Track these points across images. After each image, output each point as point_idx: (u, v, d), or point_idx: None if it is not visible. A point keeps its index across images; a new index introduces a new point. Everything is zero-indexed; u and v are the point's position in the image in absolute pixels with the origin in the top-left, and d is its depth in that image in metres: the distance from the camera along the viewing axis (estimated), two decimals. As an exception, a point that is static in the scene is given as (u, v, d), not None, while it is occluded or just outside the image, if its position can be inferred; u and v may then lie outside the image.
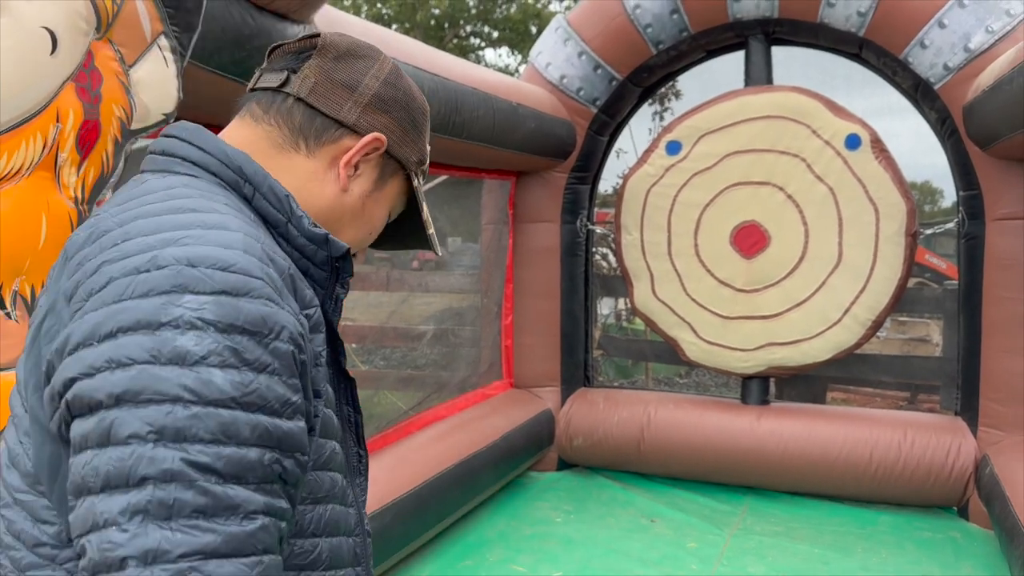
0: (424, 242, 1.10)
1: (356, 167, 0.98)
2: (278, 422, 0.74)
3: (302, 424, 0.78)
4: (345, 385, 0.98)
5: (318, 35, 0.97)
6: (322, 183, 0.96)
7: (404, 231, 1.10)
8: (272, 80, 0.96)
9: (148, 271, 0.75)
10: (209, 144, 0.91)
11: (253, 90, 0.98)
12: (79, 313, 0.77)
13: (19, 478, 0.83)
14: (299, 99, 0.94)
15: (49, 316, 0.82)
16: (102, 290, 0.76)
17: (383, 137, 0.98)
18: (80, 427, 0.73)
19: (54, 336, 0.79)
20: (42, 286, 1.54)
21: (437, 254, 1.11)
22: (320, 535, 0.88)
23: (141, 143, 1.75)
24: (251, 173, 0.90)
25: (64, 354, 0.76)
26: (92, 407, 0.72)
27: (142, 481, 0.69)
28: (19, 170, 1.43)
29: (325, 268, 0.93)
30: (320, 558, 0.88)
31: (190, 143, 0.91)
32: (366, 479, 1.04)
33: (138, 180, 0.91)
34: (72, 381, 0.73)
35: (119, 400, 0.71)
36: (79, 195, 1.56)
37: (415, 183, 1.04)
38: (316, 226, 0.92)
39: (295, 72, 0.95)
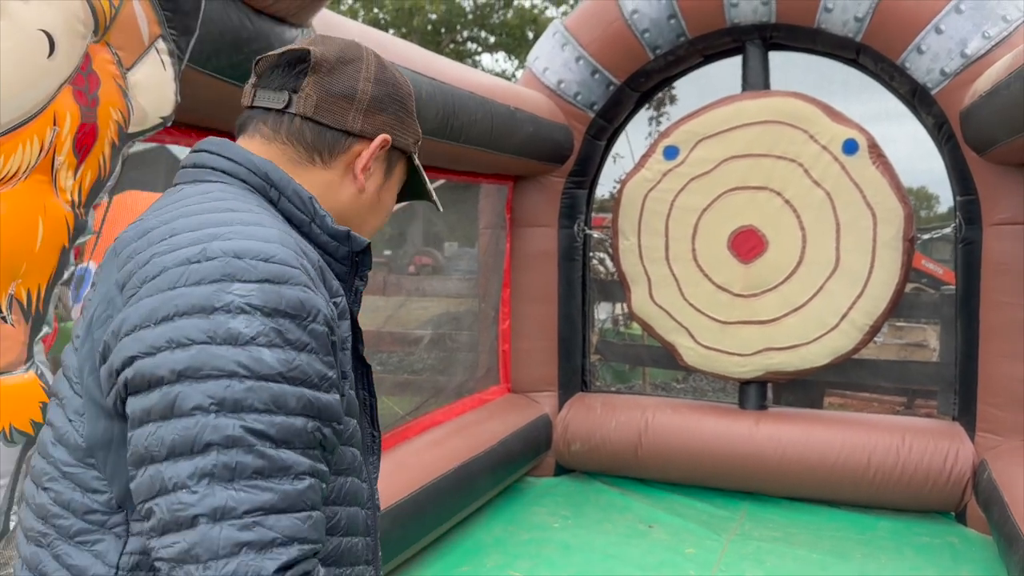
0: (420, 195, 1.20)
1: (368, 167, 1.06)
2: (318, 394, 0.84)
3: (337, 397, 0.88)
4: (362, 371, 1.07)
5: (306, 51, 1.01)
6: (340, 188, 1.05)
7: (403, 191, 1.20)
8: (273, 100, 1.02)
9: (199, 262, 0.83)
10: (237, 154, 0.99)
11: (252, 107, 1.04)
12: (134, 299, 0.85)
13: (67, 453, 0.91)
14: (306, 118, 1.01)
15: (101, 305, 0.90)
16: (156, 278, 0.84)
17: (389, 136, 1.06)
18: (140, 402, 0.81)
19: (107, 321, 0.87)
20: (37, 290, 1.53)
21: (439, 209, 1.20)
22: (340, 504, 0.97)
23: (138, 146, 1.74)
24: (277, 179, 0.98)
25: (120, 335, 0.84)
26: (153, 383, 0.80)
27: (207, 447, 0.78)
28: (16, 173, 1.42)
29: (345, 263, 1.01)
30: (339, 524, 0.96)
31: (219, 155, 1.00)
32: (378, 458, 1.14)
33: (174, 190, 1.00)
34: (132, 359, 0.82)
35: (181, 376, 0.79)
36: (76, 198, 1.55)
37: (416, 160, 1.13)
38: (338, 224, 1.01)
39: (295, 91, 1.01)
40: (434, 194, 1.18)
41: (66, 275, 1.60)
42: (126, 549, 0.87)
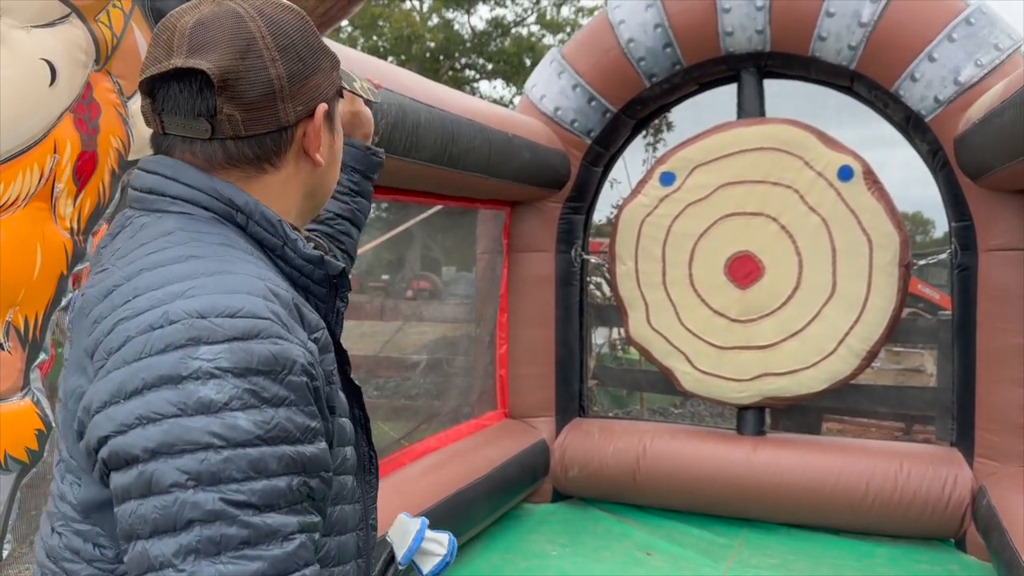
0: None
1: (319, 142, 0.99)
2: (301, 448, 0.81)
3: (323, 445, 0.84)
4: (354, 392, 1.03)
5: (197, 71, 0.89)
6: (297, 175, 0.98)
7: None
8: (191, 129, 0.91)
9: (162, 327, 0.80)
10: (196, 180, 0.92)
11: (166, 134, 0.94)
12: (102, 371, 0.82)
13: (71, 510, 0.90)
14: (238, 138, 0.92)
15: (73, 375, 0.88)
16: (121, 348, 0.81)
17: (324, 104, 0.97)
18: (119, 480, 0.79)
19: (80, 395, 0.85)
20: (35, 317, 1.53)
21: (376, 101, 1.14)
22: (330, 534, 0.94)
23: (138, 174, 1.75)
24: (242, 204, 0.92)
25: (92, 412, 0.81)
26: (128, 461, 0.78)
27: (188, 524, 0.75)
28: (15, 201, 1.43)
29: (324, 284, 0.98)
30: (329, 555, 0.94)
31: (176, 180, 0.92)
32: (376, 477, 1.10)
33: (132, 224, 0.94)
34: (106, 439, 0.79)
35: (155, 453, 0.77)
36: (75, 226, 1.56)
37: (345, 86, 1.06)
38: (312, 244, 0.98)
39: (212, 116, 0.90)
40: (366, 88, 1.12)
41: (64, 302, 1.60)
42: None
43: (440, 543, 1.17)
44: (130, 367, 0.79)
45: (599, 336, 6.76)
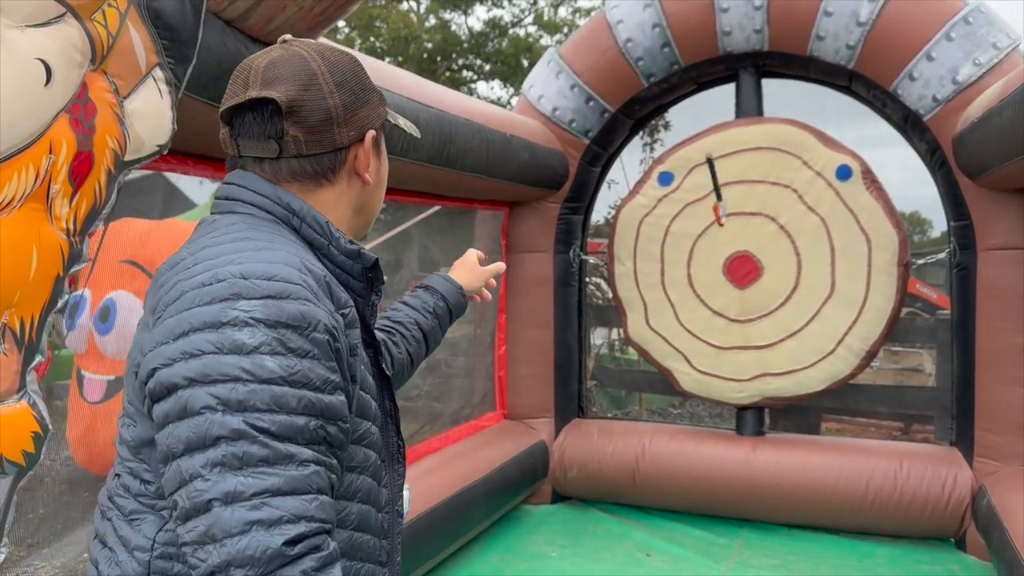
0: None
1: (368, 164, 1.16)
2: (320, 396, 0.94)
3: (342, 398, 0.97)
4: (384, 381, 1.17)
5: (269, 99, 1.07)
6: (348, 192, 1.15)
7: None
8: (262, 150, 1.10)
9: (211, 284, 0.95)
10: (263, 189, 1.10)
11: (241, 156, 1.12)
12: (160, 320, 0.98)
13: (126, 450, 1.06)
14: (301, 156, 1.10)
15: (141, 331, 1.04)
16: (176, 301, 0.97)
17: (374, 131, 1.16)
18: (161, 408, 0.93)
19: (143, 342, 1.01)
20: (31, 319, 1.52)
21: (416, 136, 1.30)
22: (351, 499, 1.06)
23: (135, 174, 1.74)
24: (298, 208, 1.09)
25: (146, 352, 0.97)
26: (170, 389, 0.92)
27: (216, 441, 0.88)
28: (10, 202, 1.42)
29: (362, 279, 1.13)
30: (348, 518, 1.05)
31: (246, 187, 1.11)
32: (404, 466, 1.23)
33: (206, 221, 1.12)
34: (154, 371, 0.94)
35: (192, 381, 0.90)
36: (71, 227, 1.55)
37: (389, 117, 1.22)
38: (351, 243, 1.12)
39: (280, 138, 1.08)
40: (410, 126, 1.28)
41: (60, 303, 1.59)
42: (165, 527, 1.00)
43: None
44: (181, 315, 0.94)
45: (598, 337, 6.76)
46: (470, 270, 1.70)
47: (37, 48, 1.41)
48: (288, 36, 1.15)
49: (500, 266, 1.74)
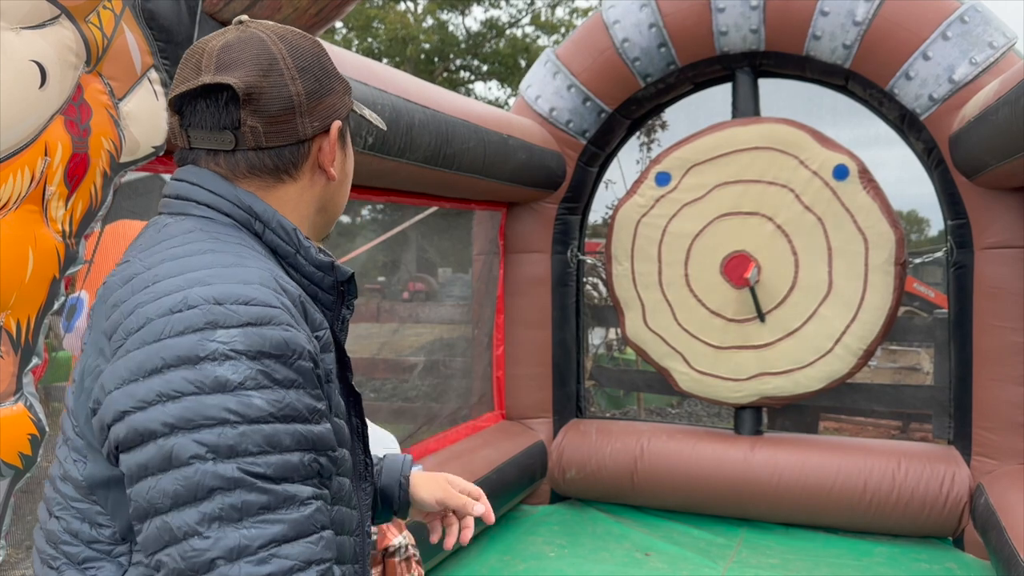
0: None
1: (333, 157, 1.05)
2: (311, 427, 0.86)
3: (328, 427, 0.90)
4: (353, 399, 1.07)
5: (225, 84, 0.96)
6: (312, 188, 1.05)
7: None
8: (216, 141, 0.98)
9: (181, 311, 0.85)
10: (220, 187, 0.99)
11: (192, 148, 1.01)
12: (120, 351, 0.87)
13: (73, 489, 0.94)
14: (259, 148, 0.99)
15: (92, 355, 0.92)
16: (141, 329, 0.86)
17: (340, 122, 1.05)
18: (137, 457, 0.82)
19: (98, 373, 0.89)
20: (27, 321, 1.51)
21: (383, 128, 1.17)
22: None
23: (130, 176, 1.74)
24: (261, 211, 0.99)
25: (109, 389, 0.85)
26: (146, 436, 0.82)
27: (210, 492, 0.80)
28: (6, 204, 1.42)
29: (332, 292, 1.03)
30: None
31: (201, 187, 0.99)
32: (371, 484, 1.14)
33: (157, 223, 1.01)
34: (123, 414, 0.83)
35: (174, 428, 0.81)
36: (67, 228, 1.54)
37: (355, 108, 1.11)
38: (323, 253, 1.02)
39: (236, 128, 0.97)
40: (375, 117, 1.16)
41: (56, 305, 1.59)
42: (126, 575, 0.91)
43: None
44: (150, 347, 0.84)
45: (596, 337, 6.76)
46: (439, 485, 1.30)
47: (31, 50, 1.41)
48: (244, 16, 1.03)
49: (477, 508, 1.27)
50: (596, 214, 5.24)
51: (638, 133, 4.77)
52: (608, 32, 4.15)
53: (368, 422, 1.17)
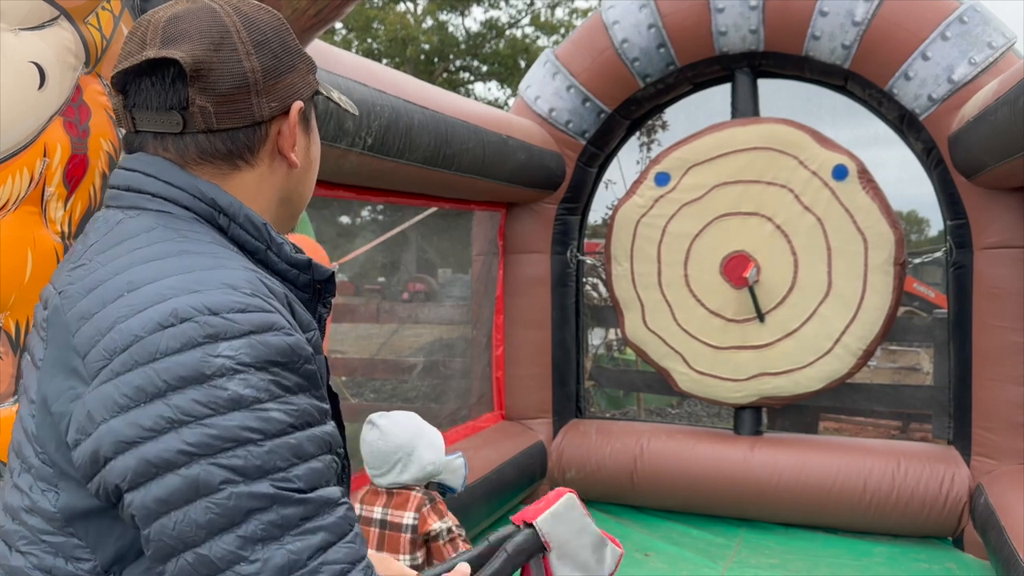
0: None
1: (294, 141, 0.96)
2: (324, 429, 0.83)
3: (334, 424, 0.87)
4: (332, 400, 1.02)
5: (170, 60, 0.87)
6: (272, 175, 0.95)
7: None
8: (163, 124, 0.89)
9: (173, 325, 0.77)
10: (177, 178, 0.89)
11: (137, 131, 0.92)
12: (105, 371, 0.78)
13: (43, 522, 0.85)
14: (210, 131, 0.89)
15: (58, 376, 0.82)
16: (129, 348, 0.77)
17: (302, 102, 0.95)
18: (152, 492, 0.75)
19: (73, 396, 0.80)
20: (26, 322, 1.51)
21: (354, 112, 1.06)
22: None
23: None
24: (226, 204, 0.89)
25: (102, 419, 0.77)
26: (162, 468, 0.75)
27: (247, 515, 0.75)
28: (5, 205, 1.42)
29: (307, 290, 0.95)
30: None
31: (157, 178, 0.89)
32: (348, 487, 1.09)
33: (108, 220, 0.90)
34: (129, 444, 0.76)
35: (193, 456, 0.74)
36: (66, 230, 1.55)
37: (321, 89, 1.02)
38: (298, 251, 0.94)
39: (183, 108, 0.88)
40: (345, 100, 1.05)
41: (55, 306, 1.59)
42: None
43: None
44: (145, 368, 0.76)
45: (595, 337, 6.76)
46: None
47: (30, 51, 1.41)
48: None
49: None
50: (596, 214, 5.24)
51: (638, 133, 4.77)
52: (607, 32, 4.15)
53: (421, 420, 1.13)
